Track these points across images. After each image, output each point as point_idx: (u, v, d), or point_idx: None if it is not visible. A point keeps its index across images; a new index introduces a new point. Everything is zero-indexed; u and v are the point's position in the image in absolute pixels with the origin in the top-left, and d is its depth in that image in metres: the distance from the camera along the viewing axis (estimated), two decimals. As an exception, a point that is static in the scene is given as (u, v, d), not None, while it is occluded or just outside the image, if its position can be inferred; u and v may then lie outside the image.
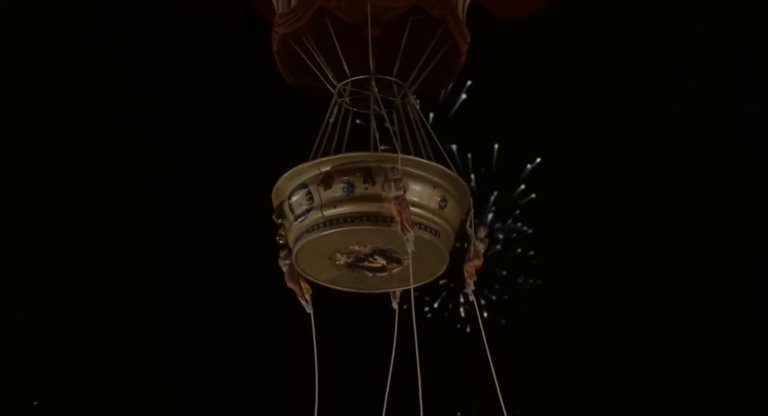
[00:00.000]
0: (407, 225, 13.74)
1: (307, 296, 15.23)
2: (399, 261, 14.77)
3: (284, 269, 15.21)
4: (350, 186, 14.08)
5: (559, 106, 26.85)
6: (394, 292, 15.11)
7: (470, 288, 15.26)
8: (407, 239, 13.77)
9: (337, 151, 14.72)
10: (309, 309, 15.35)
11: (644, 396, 27.45)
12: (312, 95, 16.03)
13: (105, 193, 26.01)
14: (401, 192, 13.80)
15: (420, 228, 14.22)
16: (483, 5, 16.23)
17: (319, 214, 14.22)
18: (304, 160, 14.71)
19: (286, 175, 14.56)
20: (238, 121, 25.57)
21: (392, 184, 13.83)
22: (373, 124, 15.40)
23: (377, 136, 15.33)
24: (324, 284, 15.34)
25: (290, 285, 15.21)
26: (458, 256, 15.08)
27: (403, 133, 15.19)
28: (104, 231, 26.31)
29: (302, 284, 15.18)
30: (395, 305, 15.34)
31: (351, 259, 14.79)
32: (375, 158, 14.23)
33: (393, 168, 13.87)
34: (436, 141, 15.10)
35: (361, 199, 14.07)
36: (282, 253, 15.03)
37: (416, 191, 14.21)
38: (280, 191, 14.75)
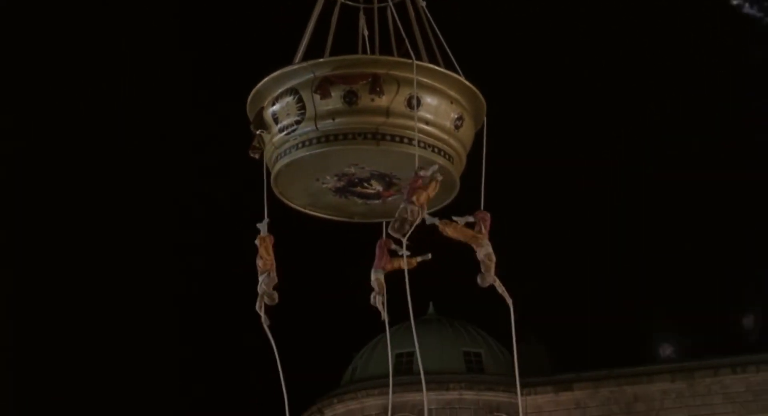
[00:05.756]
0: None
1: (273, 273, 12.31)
2: (398, 188, 12.34)
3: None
4: (353, 95, 11.46)
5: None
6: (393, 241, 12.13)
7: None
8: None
9: (323, 54, 12.07)
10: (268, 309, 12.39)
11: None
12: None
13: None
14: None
15: (433, 151, 11.79)
16: None
17: (312, 127, 11.56)
18: (283, 61, 12.07)
19: (270, 77, 11.75)
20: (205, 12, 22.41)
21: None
22: (363, 19, 12.73)
23: (367, 34, 12.70)
24: (300, 209, 12.76)
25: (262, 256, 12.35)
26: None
27: (399, 33, 12.52)
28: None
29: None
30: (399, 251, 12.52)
31: (342, 183, 12.21)
32: (385, 63, 11.62)
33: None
34: (444, 44, 12.49)
35: (366, 112, 11.46)
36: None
37: (431, 107, 11.68)
38: (260, 95, 11.93)
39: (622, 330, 41.58)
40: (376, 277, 12.44)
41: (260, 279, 12.27)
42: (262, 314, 12.43)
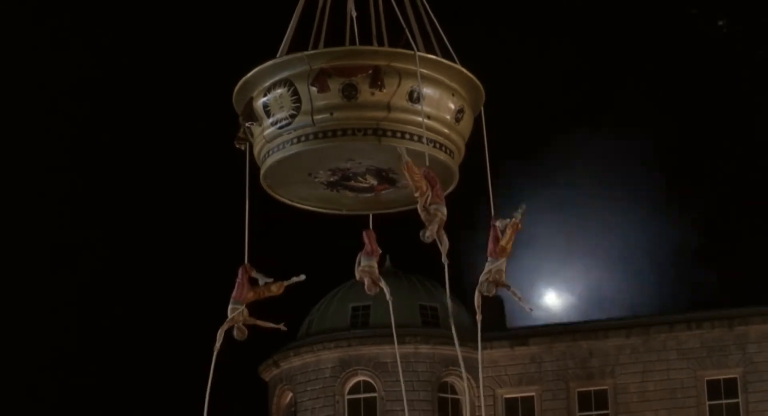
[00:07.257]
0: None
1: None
2: (392, 182, 11.81)
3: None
4: (353, 89, 10.86)
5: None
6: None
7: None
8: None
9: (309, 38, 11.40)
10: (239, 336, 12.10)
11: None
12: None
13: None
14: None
15: (434, 146, 11.26)
16: None
17: (308, 122, 10.98)
18: (268, 41, 11.43)
19: (261, 66, 11.15)
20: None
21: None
22: (351, 2, 12.02)
23: (355, 15, 11.97)
24: (290, 203, 12.25)
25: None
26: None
27: (396, 21, 11.84)
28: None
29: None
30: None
31: (336, 178, 11.70)
32: (386, 55, 11.02)
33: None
34: (440, 30, 11.83)
35: (366, 107, 10.93)
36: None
37: (433, 100, 11.17)
38: (249, 86, 11.33)
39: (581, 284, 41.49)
40: (369, 264, 11.93)
41: (233, 306, 11.94)
42: (218, 342, 12.02)
